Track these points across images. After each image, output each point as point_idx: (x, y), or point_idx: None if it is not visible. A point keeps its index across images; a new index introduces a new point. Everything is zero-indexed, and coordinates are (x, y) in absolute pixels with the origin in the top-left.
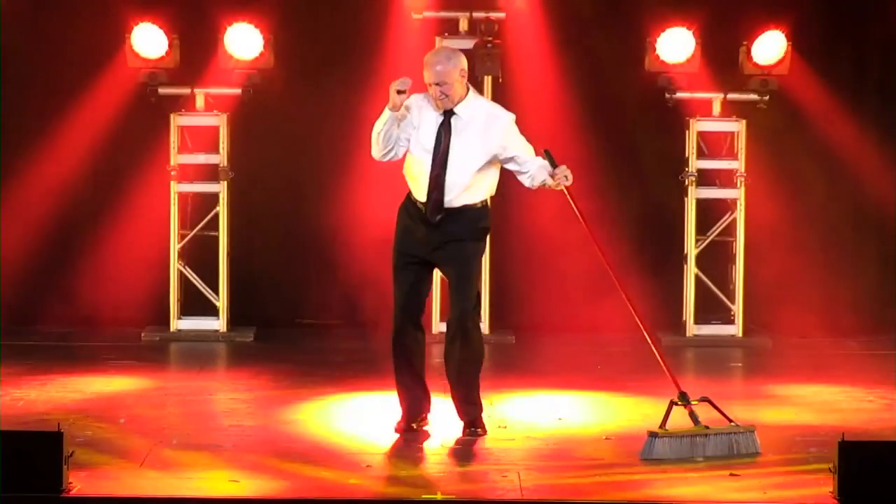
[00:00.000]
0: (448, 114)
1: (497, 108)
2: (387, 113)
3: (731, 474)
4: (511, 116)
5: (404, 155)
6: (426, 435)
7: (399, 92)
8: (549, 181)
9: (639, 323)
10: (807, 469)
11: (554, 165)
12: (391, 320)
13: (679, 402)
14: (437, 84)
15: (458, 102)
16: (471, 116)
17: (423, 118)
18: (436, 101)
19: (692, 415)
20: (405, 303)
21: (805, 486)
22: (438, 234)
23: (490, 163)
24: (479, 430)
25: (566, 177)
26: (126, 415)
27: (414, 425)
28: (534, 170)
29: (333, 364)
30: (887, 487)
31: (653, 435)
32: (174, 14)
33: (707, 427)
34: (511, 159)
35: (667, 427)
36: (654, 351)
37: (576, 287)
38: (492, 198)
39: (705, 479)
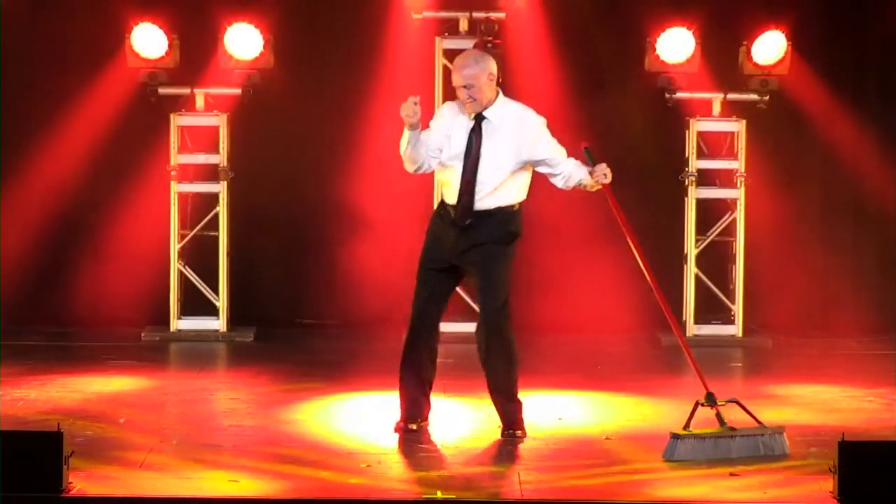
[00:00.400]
0: (479, 118)
1: (527, 112)
2: (406, 133)
3: (731, 474)
4: (542, 120)
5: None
6: (426, 435)
7: (408, 115)
8: (586, 180)
9: (671, 322)
10: (807, 469)
11: (594, 162)
12: (393, 320)
13: (705, 403)
14: (464, 87)
15: (488, 106)
16: (500, 120)
17: (455, 125)
18: (464, 103)
19: (718, 416)
20: (423, 309)
21: (805, 485)
22: (466, 237)
23: (521, 166)
24: (519, 431)
25: (605, 174)
26: (126, 415)
27: (413, 426)
28: (567, 170)
29: (333, 364)
30: (887, 487)
31: (675, 436)
32: (174, 14)
33: (733, 428)
34: (542, 162)
35: (691, 428)
36: (684, 349)
37: (576, 287)
38: (522, 203)
39: (705, 478)
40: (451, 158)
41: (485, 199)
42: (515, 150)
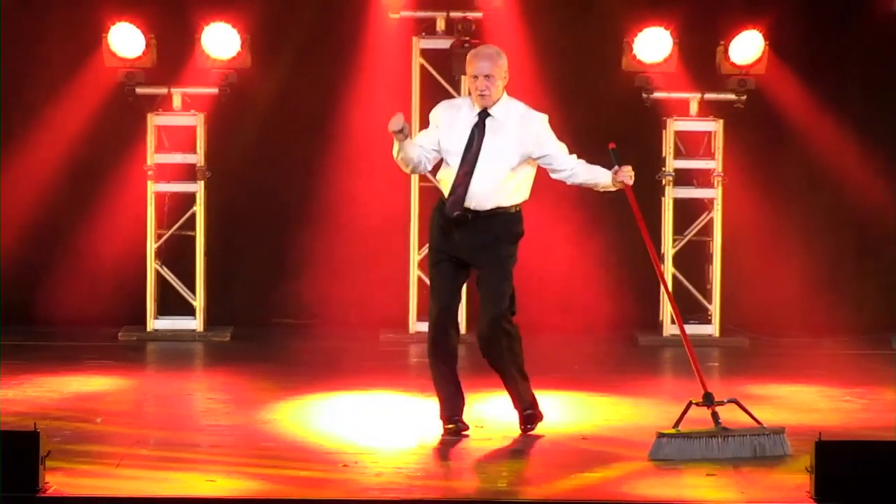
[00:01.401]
0: (483, 115)
1: (531, 109)
2: (395, 143)
3: (709, 474)
4: (545, 116)
5: (437, 164)
6: (404, 434)
7: (396, 132)
8: (604, 180)
9: (677, 320)
10: (784, 468)
11: (619, 163)
12: (370, 319)
13: (702, 403)
14: (485, 76)
15: (495, 103)
16: (505, 117)
17: (456, 121)
18: (477, 94)
19: (714, 415)
20: (448, 302)
21: (782, 485)
22: (470, 237)
23: (524, 164)
24: (531, 411)
25: (630, 176)
26: (103, 414)
27: (452, 425)
28: (570, 166)
29: (310, 363)
30: (864, 487)
31: (661, 435)
32: (151, 14)
33: (726, 429)
34: (545, 157)
35: (680, 427)
36: (686, 348)
37: (552, 287)
38: (523, 204)
39: (683, 479)
40: (451, 154)
41: (484, 200)
42: (519, 146)
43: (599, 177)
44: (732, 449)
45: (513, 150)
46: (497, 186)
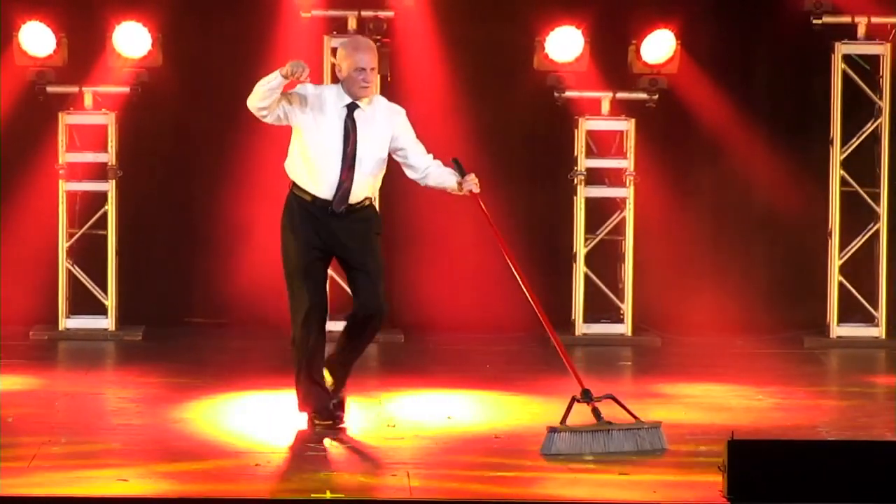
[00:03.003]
0: (351, 107)
1: (392, 103)
2: (277, 76)
3: (621, 473)
4: (404, 110)
5: (289, 148)
6: (316, 434)
7: (293, 73)
8: (452, 184)
9: (544, 322)
10: (696, 468)
11: (463, 173)
12: (282, 318)
13: (581, 400)
14: (371, 69)
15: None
16: (373, 110)
17: (323, 118)
18: (362, 86)
19: (595, 411)
20: (318, 301)
21: (695, 484)
22: (344, 229)
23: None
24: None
25: (475, 184)
26: (14, 414)
27: (328, 422)
28: (425, 165)
29: (223, 363)
30: (776, 485)
31: (552, 430)
32: (62, 12)
33: (610, 423)
34: (403, 149)
35: (568, 423)
36: (558, 349)
37: (465, 286)
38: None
39: (595, 478)
40: (322, 149)
41: (360, 192)
42: (388, 139)
43: (447, 181)
44: (617, 443)
45: (384, 142)
46: (372, 179)
